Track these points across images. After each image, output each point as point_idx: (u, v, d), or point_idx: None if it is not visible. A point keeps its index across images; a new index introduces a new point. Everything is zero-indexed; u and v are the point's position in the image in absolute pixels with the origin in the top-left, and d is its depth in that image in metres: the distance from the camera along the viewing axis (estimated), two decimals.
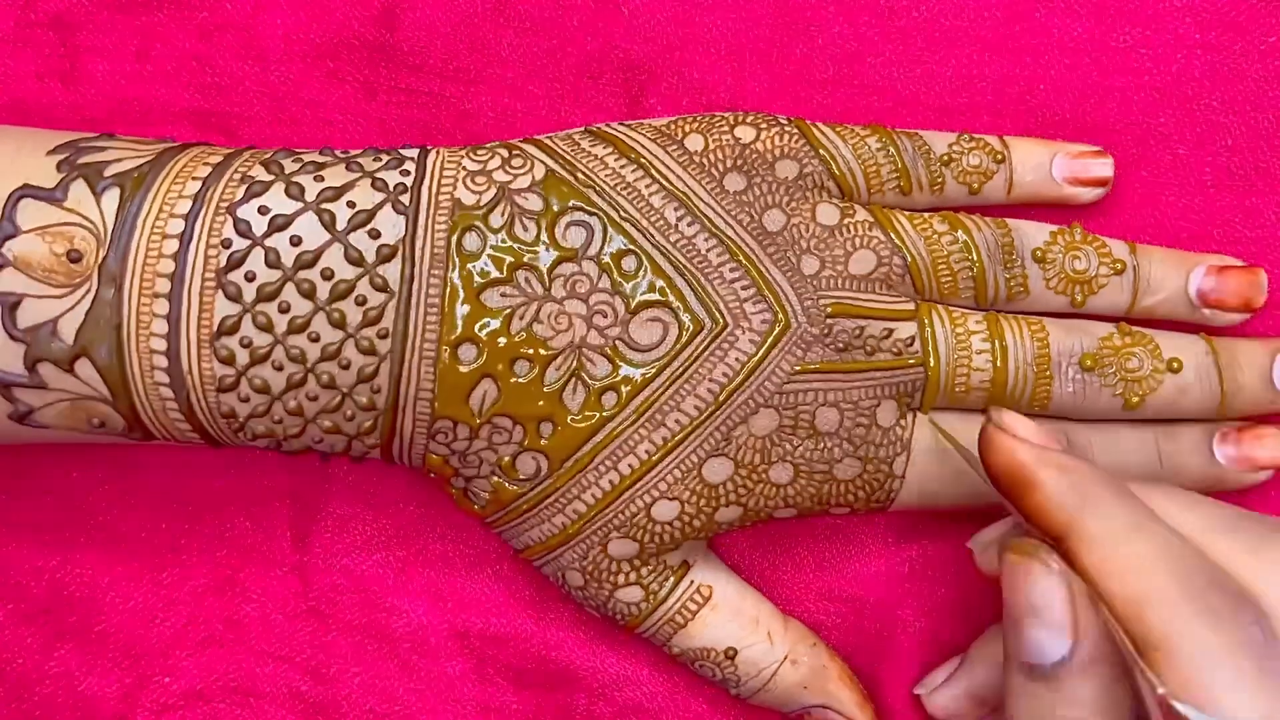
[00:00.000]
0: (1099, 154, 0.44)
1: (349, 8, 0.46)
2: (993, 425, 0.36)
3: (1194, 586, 0.32)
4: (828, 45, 0.45)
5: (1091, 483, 0.34)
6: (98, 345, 0.36)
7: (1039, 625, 0.33)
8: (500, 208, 0.38)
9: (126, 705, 0.45)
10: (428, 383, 0.38)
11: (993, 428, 0.36)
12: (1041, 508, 0.34)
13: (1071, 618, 0.33)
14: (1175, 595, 0.31)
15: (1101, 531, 0.33)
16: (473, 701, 0.45)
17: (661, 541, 0.40)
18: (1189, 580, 0.32)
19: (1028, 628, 0.33)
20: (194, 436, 0.39)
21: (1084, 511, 0.33)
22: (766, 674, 0.42)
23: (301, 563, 0.46)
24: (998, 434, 0.35)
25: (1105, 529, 0.33)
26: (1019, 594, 0.34)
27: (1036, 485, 0.34)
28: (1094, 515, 0.33)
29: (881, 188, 0.42)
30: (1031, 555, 0.34)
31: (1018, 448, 0.35)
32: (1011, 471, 0.35)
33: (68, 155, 0.38)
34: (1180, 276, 0.43)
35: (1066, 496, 0.34)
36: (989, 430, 0.36)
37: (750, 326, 0.39)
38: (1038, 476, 0.34)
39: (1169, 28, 0.45)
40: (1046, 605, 0.33)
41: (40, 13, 0.47)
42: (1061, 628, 0.33)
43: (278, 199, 0.38)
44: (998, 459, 0.35)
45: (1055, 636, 0.33)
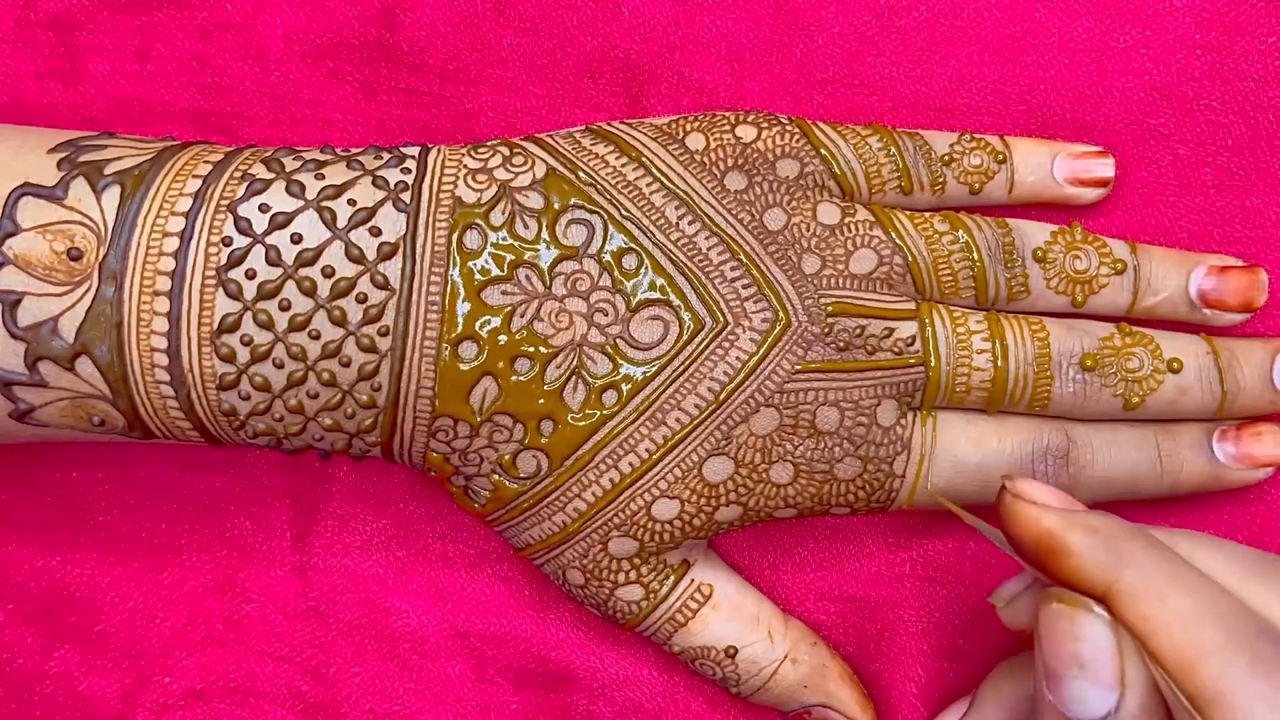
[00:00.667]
0: (1100, 154, 0.44)
1: (349, 8, 0.46)
2: (1010, 495, 0.35)
3: (1242, 637, 0.31)
4: (828, 45, 0.45)
5: (1123, 539, 0.33)
6: (98, 343, 0.36)
7: (1085, 678, 0.32)
8: (501, 205, 0.39)
9: (126, 705, 0.45)
10: (428, 380, 0.38)
11: (1011, 498, 0.34)
12: (1077, 573, 0.33)
13: (1119, 670, 0.32)
14: (1226, 647, 0.31)
15: (1143, 587, 0.32)
16: (472, 701, 0.45)
17: (662, 540, 0.40)
18: (1236, 631, 0.31)
19: (1071, 680, 0.33)
20: (194, 435, 0.39)
21: (1121, 569, 0.32)
22: (767, 673, 0.42)
23: (301, 563, 0.46)
24: (1018, 504, 0.34)
25: (1147, 584, 0.32)
26: (1063, 645, 0.33)
27: (1068, 551, 0.33)
28: (1132, 572, 0.32)
29: (883, 187, 0.42)
30: (1078, 604, 0.33)
31: (1041, 515, 0.34)
32: (1039, 540, 0.34)
33: (68, 153, 0.38)
34: (1181, 276, 0.43)
35: (1100, 556, 0.33)
36: (1008, 501, 0.34)
37: (751, 325, 0.39)
38: (1068, 542, 0.33)
39: (1169, 28, 0.45)
40: (1095, 656, 0.32)
41: (40, 13, 0.47)
42: (1109, 681, 0.32)
43: (278, 197, 0.38)
44: (1022, 530, 0.34)
45: (1102, 689, 0.32)
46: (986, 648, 0.44)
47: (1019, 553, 0.35)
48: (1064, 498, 0.35)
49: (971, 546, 0.44)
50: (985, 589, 0.44)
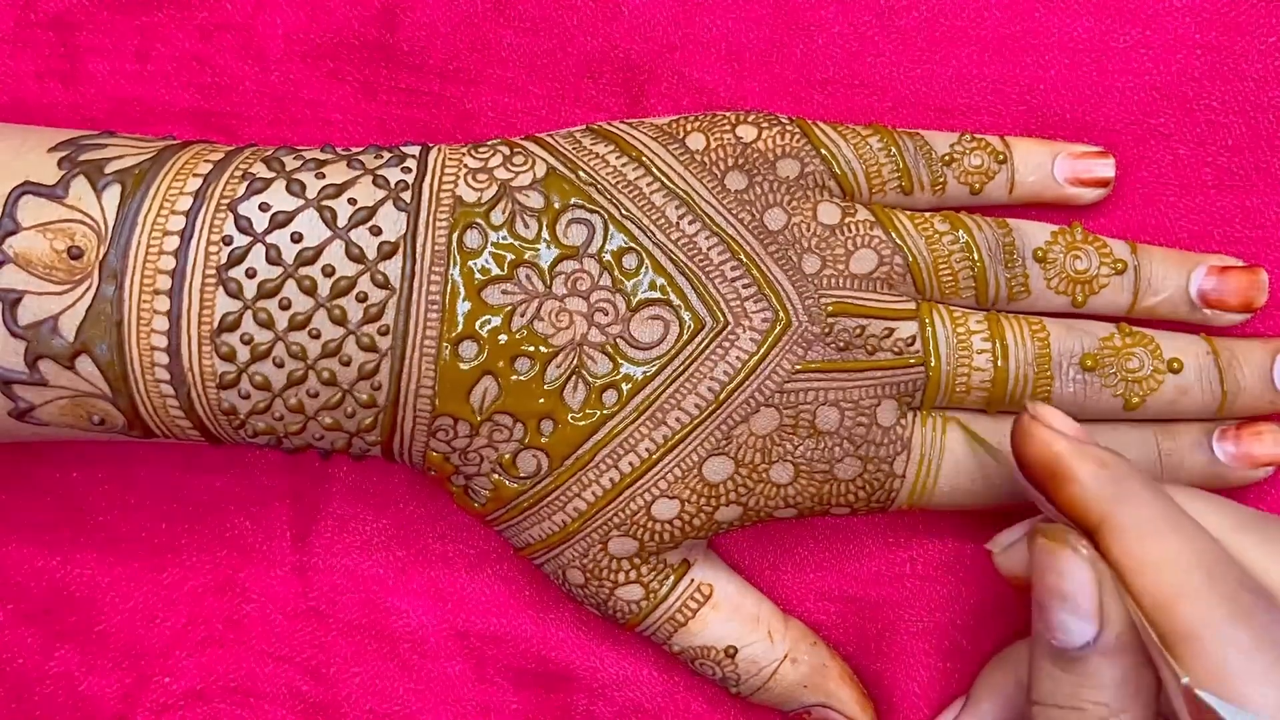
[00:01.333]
0: (1101, 154, 0.44)
1: (349, 8, 0.46)
2: (1029, 416, 0.36)
3: (1225, 584, 0.32)
4: (828, 45, 0.45)
5: (1127, 478, 0.34)
6: (98, 342, 0.36)
7: (1067, 610, 0.34)
8: (501, 205, 0.39)
9: (126, 705, 0.45)
10: (428, 380, 0.38)
11: (1029, 419, 0.36)
12: (1077, 499, 0.34)
13: (1099, 603, 0.33)
14: (1207, 591, 0.32)
15: (1136, 525, 0.33)
16: (472, 701, 0.45)
17: (661, 540, 0.40)
18: (1220, 578, 0.32)
19: (1056, 611, 0.34)
20: (194, 434, 0.39)
21: (1119, 505, 0.34)
22: (766, 672, 0.42)
23: (301, 563, 0.46)
24: (1035, 425, 0.36)
25: (1140, 523, 0.33)
26: (1048, 578, 0.34)
27: (1073, 477, 0.34)
28: (1129, 509, 0.34)
29: (883, 187, 0.42)
30: (1062, 541, 0.34)
31: (1055, 440, 0.35)
32: (1048, 463, 0.35)
33: (69, 152, 0.38)
34: (1181, 276, 0.42)
35: (1103, 489, 0.34)
36: (1026, 421, 0.36)
37: (751, 325, 0.39)
38: (1075, 468, 0.35)
39: (1169, 28, 0.45)
40: (1075, 590, 0.34)
41: (40, 13, 0.47)
42: (1089, 613, 0.33)
43: (279, 196, 0.38)
44: (1034, 450, 0.36)
45: (1082, 621, 0.34)
46: (987, 647, 0.44)
47: (1025, 473, 0.36)
48: (1080, 430, 0.36)
49: (971, 547, 0.44)
50: (985, 589, 0.44)
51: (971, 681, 0.44)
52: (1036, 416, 0.36)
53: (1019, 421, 0.36)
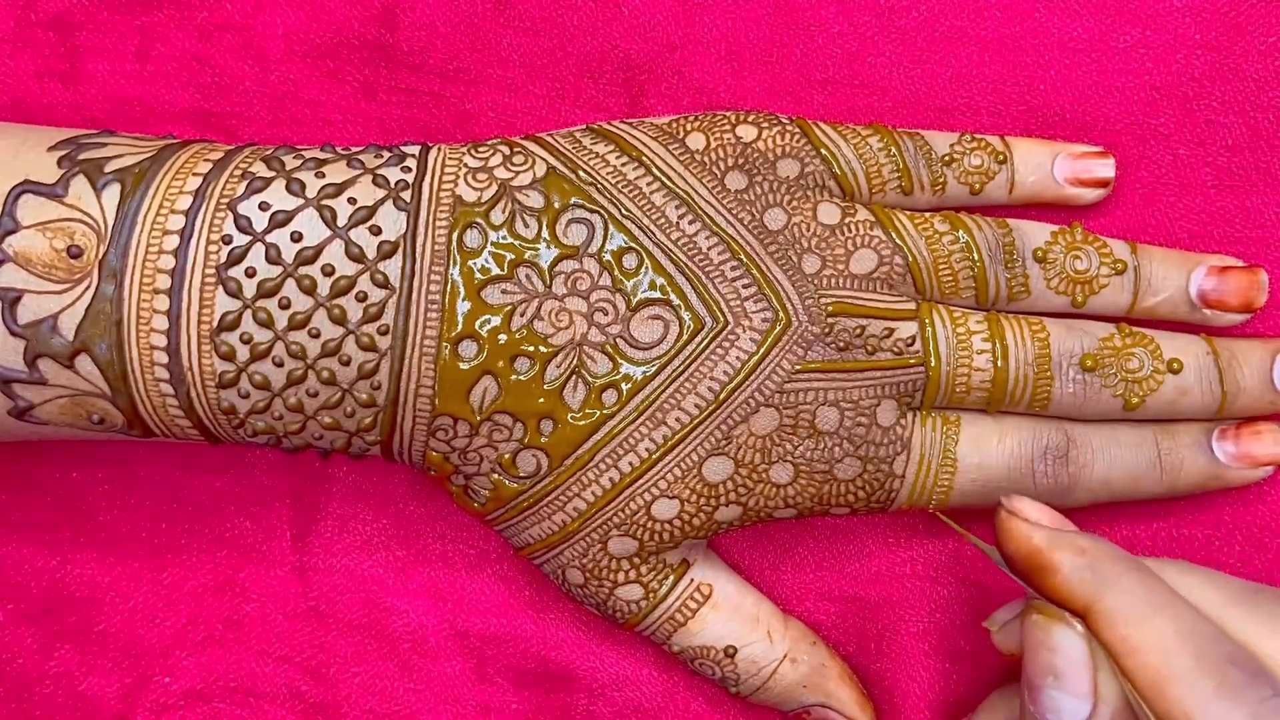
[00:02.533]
0: (1101, 155, 0.44)
1: (349, 8, 0.46)
2: (1005, 513, 0.36)
3: (1212, 662, 0.32)
4: (828, 45, 0.45)
5: (1109, 561, 0.34)
6: (98, 341, 0.36)
7: (1059, 687, 0.34)
8: (501, 205, 0.39)
9: (126, 705, 0.45)
10: (428, 379, 0.38)
11: (1005, 514, 0.36)
12: (1060, 589, 0.34)
13: (1092, 682, 0.34)
14: (1194, 672, 0.32)
15: (1121, 610, 0.33)
16: (473, 701, 0.45)
17: (661, 540, 0.40)
18: (1207, 656, 0.32)
19: (1049, 689, 0.34)
20: (193, 433, 0.39)
21: (1102, 591, 0.34)
22: (766, 672, 0.42)
23: (301, 563, 0.46)
24: (1011, 520, 0.36)
25: (1124, 607, 0.33)
26: (1041, 655, 0.34)
27: (1054, 569, 0.34)
28: (1112, 594, 0.34)
29: (883, 187, 0.42)
30: (1056, 616, 0.34)
31: (1032, 533, 0.35)
32: (1029, 557, 0.35)
33: (68, 151, 0.38)
34: (1181, 276, 0.42)
35: (1084, 576, 0.34)
36: (1003, 518, 0.36)
37: (751, 325, 0.39)
38: (1054, 560, 0.34)
39: (1169, 28, 0.45)
40: (1068, 667, 0.34)
41: (40, 13, 0.47)
42: (1083, 692, 0.34)
43: (279, 195, 0.38)
44: (1014, 546, 0.35)
45: (1075, 700, 0.34)
46: (987, 647, 0.44)
47: (1011, 568, 0.36)
48: (1057, 517, 0.37)
49: (971, 547, 0.44)
50: (985, 589, 0.44)
51: (972, 683, 0.44)
52: (1012, 511, 0.36)
53: (997, 519, 0.36)
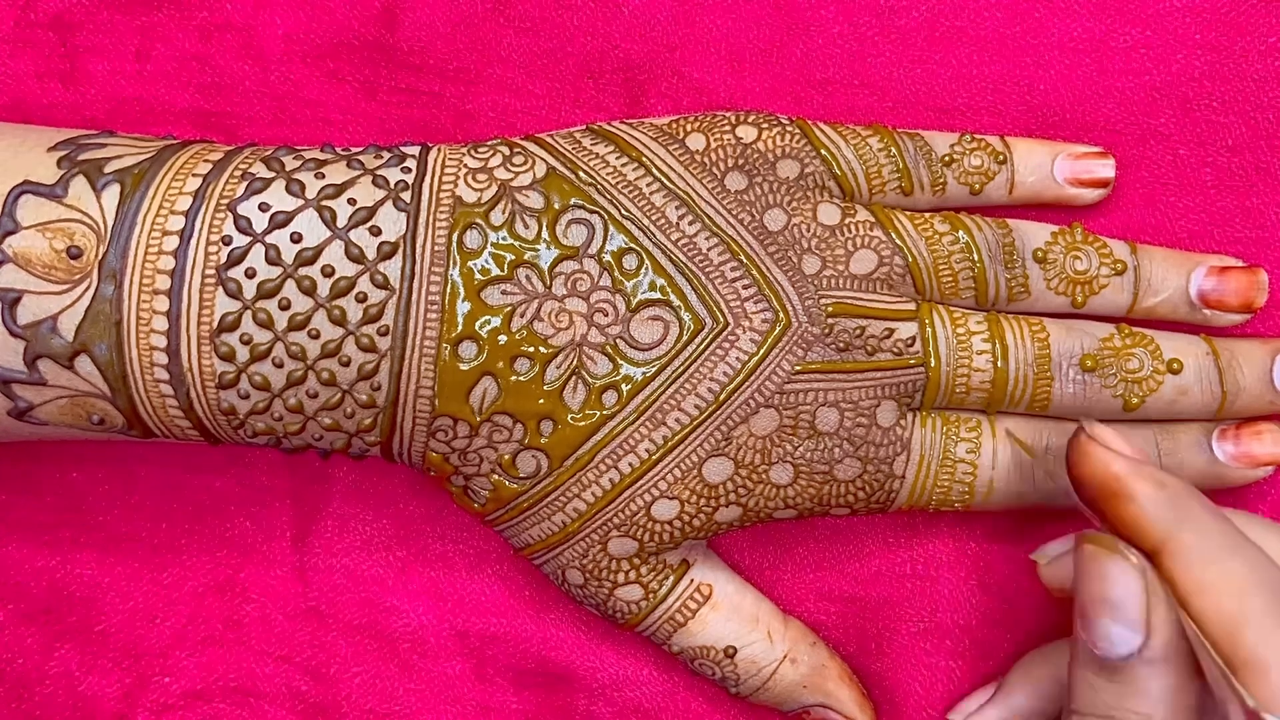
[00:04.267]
0: (1101, 155, 0.44)
1: (349, 8, 0.46)
2: (1085, 436, 0.36)
3: None
4: (828, 45, 0.45)
5: (1187, 499, 0.34)
6: (97, 341, 0.36)
7: (1113, 618, 0.34)
8: (501, 205, 0.39)
9: (126, 705, 0.45)
10: (428, 380, 0.38)
11: (1085, 438, 0.36)
12: (1136, 520, 0.34)
13: (1146, 612, 0.33)
14: (1270, 616, 0.32)
15: (1197, 548, 0.33)
16: (473, 701, 0.45)
17: (661, 540, 0.40)
18: None
19: (1101, 620, 0.34)
20: (193, 434, 0.39)
21: (1180, 527, 0.34)
22: (766, 672, 0.42)
23: (301, 563, 0.46)
24: (1091, 444, 0.36)
25: (1201, 546, 0.33)
26: (1094, 585, 0.34)
27: (1132, 497, 0.34)
28: (1190, 531, 0.33)
29: (883, 188, 0.42)
30: (1111, 548, 0.34)
31: (1112, 459, 0.35)
32: (1105, 482, 0.35)
33: (68, 152, 0.38)
34: (1181, 277, 0.42)
35: (1163, 510, 0.34)
36: (1082, 440, 0.36)
37: (751, 326, 0.39)
38: (1134, 488, 0.34)
39: (1169, 28, 0.45)
40: (1123, 597, 0.34)
41: (40, 13, 0.47)
42: (1136, 622, 0.33)
43: (278, 196, 0.38)
44: (1090, 469, 0.35)
45: (1128, 630, 0.33)
46: (988, 647, 0.44)
47: (1080, 493, 0.36)
48: (1139, 450, 0.36)
49: (972, 547, 0.44)
50: (986, 589, 0.44)
51: (972, 681, 0.44)
52: (1093, 436, 0.36)
53: (1075, 440, 0.36)
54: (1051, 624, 0.43)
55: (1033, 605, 0.44)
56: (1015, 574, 0.44)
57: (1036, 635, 0.44)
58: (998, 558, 0.44)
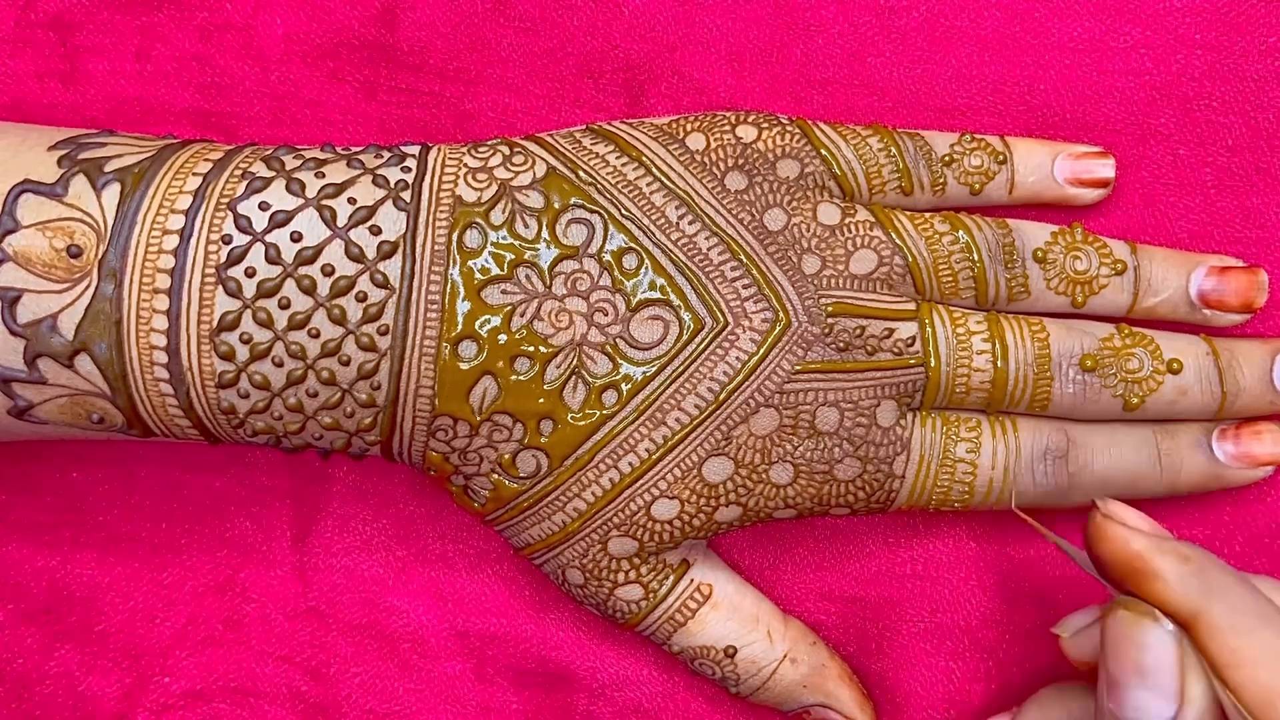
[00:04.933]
0: (1101, 155, 0.44)
1: (349, 8, 0.46)
2: (1101, 515, 0.35)
3: None
4: (828, 45, 0.45)
5: (1214, 570, 0.34)
6: (97, 340, 0.36)
7: (1145, 687, 0.33)
8: (501, 205, 0.39)
9: (126, 705, 0.45)
10: (428, 379, 0.38)
11: (1102, 517, 0.35)
12: (1164, 596, 0.33)
13: (1180, 682, 0.33)
14: None
15: (1230, 620, 0.33)
16: (473, 701, 0.45)
17: (661, 540, 0.40)
18: None
19: (1133, 689, 0.33)
20: (193, 433, 0.39)
21: (1210, 600, 0.33)
22: (766, 672, 0.42)
23: (301, 563, 0.46)
24: (1108, 524, 0.35)
25: (1233, 618, 0.33)
26: (1127, 652, 0.33)
27: (1157, 575, 0.33)
28: (1220, 603, 0.33)
29: (883, 188, 0.42)
30: (1145, 614, 0.33)
31: (1132, 538, 0.34)
32: (1128, 561, 0.34)
33: (69, 151, 0.38)
34: (1181, 277, 0.42)
35: (1190, 584, 0.33)
36: (1099, 521, 0.35)
37: (751, 325, 0.39)
38: (1158, 565, 0.33)
39: (1169, 28, 0.45)
40: (1157, 667, 0.33)
41: (40, 13, 0.47)
42: (1170, 692, 0.33)
43: (278, 195, 0.38)
44: (1111, 548, 0.34)
45: (1161, 700, 0.33)
46: (989, 647, 0.44)
47: (1103, 572, 0.35)
48: (1154, 524, 0.36)
49: (972, 547, 0.44)
50: (987, 589, 0.44)
51: (973, 681, 0.44)
52: (1109, 515, 0.35)
53: (1091, 521, 0.35)
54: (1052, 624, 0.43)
55: (1033, 605, 0.44)
56: (1015, 574, 0.44)
57: (1036, 635, 0.44)
58: (998, 558, 0.44)
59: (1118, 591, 0.35)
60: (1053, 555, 0.44)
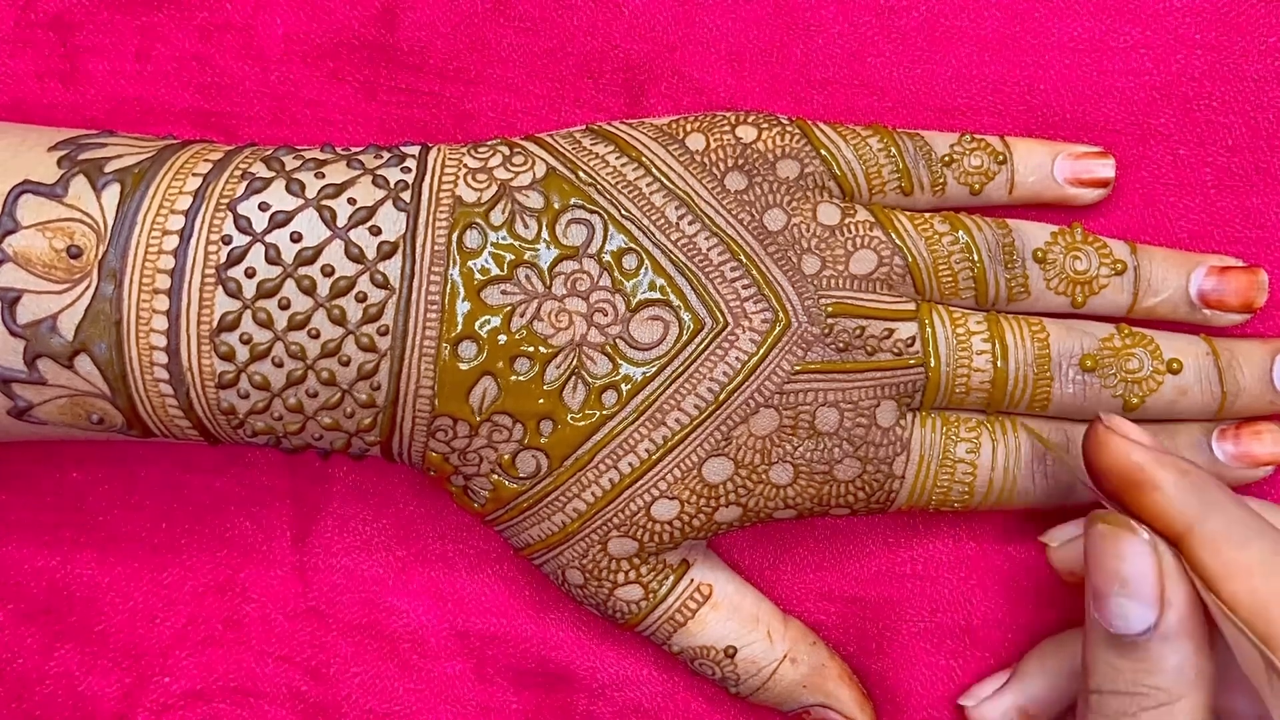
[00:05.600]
0: (1101, 155, 0.44)
1: (349, 8, 0.46)
2: (1103, 426, 0.36)
3: None
4: (828, 45, 0.45)
5: (1210, 486, 0.34)
6: (97, 341, 0.36)
7: (1127, 595, 0.34)
8: (501, 205, 0.39)
9: (126, 705, 0.45)
10: (428, 380, 0.38)
11: (1103, 428, 0.36)
12: (1160, 507, 0.34)
13: (1160, 588, 0.34)
14: None
15: (1224, 532, 0.33)
16: (473, 701, 0.45)
17: (661, 540, 0.40)
18: None
19: (1115, 597, 0.34)
20: (193, 433, 0.39)
21: (1205, 513, 0.34)
22: (766, 672, 0.42)
23: (301, 563, 0.46)
24: (1109, 435, 0.36)
25: (1228, 530, 0.33)
26: (1107, 562, 0.34)
27: (1156, 485, 0.34)
28: (1215, 517, 0.34)
29: (883, 188, 0.42)
30: (1123, 525, 0.34)
31: (1132, 449, 0.35)
32: (1126, 471, 0.35)
33: (69, 151, 0.38)
34: (1181, 277, 0.42)
35: (1187, 497, 0.34)
36: (1100, 431, 0.36)
37: (751, 326, 0.39)
38: (1157, 476, 0.34)
39: (1169, 28, 0.45)
40: (1136, 574, 0.34)
41: (40, 13, 0.47)
42: (1150, 598, 0.34)
43: (278, 195, 0.38)
44: (1110, 459, 0.35)
45: (1143, 606, 0.34)
46: (989, 646, 0.44)
47: (1100, 484, 0.36)
48: (1155, 440, 0.36)
49: (972, 547, 0.44)
50: (987, 588, 0.44)
51: (974, 680, 0.44)
52: (1111, 426, 0.36)
53: (1093, 431, 0.36)
54: (1052, 624, 0.44)
55: (1032, 605, 0.44)
56: (1015, 574, 0.44)
57: (1037, 635, 0.44)
58: (998, 558, 0.44)
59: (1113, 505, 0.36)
60: None
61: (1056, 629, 0.43)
